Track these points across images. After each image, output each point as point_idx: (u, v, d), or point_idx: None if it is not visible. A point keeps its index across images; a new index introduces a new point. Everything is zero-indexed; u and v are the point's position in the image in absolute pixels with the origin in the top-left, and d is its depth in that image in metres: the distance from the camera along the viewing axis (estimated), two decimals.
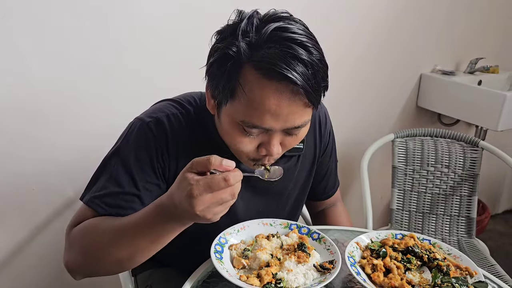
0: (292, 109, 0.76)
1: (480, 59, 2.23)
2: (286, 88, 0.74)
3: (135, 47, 1.40)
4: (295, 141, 0.85)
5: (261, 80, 0.74)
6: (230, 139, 0.83)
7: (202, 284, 0.87)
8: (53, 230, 1.46)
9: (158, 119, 0.90)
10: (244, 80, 0.75)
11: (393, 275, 0.86)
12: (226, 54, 0.75)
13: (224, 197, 0.68)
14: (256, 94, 0.75)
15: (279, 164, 0.93)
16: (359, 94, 2.03)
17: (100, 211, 0.85)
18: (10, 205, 1.37)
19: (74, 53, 1.31)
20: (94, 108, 1.38)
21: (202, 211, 0.68)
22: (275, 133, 0.80)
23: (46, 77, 1.29)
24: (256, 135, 0.81)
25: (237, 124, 0.79)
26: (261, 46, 0.74)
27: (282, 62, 0.72)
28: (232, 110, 0.79)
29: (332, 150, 1.15)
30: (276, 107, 0.75)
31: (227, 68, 0.76)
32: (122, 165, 0.88)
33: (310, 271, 0.86)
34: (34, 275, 1.47)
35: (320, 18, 1.78)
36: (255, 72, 0.74)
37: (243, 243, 0.94)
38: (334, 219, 1.17)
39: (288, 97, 0.74)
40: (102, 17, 1.32)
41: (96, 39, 1.32)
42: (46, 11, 1.23)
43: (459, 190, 1.79)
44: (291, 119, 0.77)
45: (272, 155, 0.82)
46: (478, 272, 0.88)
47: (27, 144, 1.32)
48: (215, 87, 0.80)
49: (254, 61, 0.74)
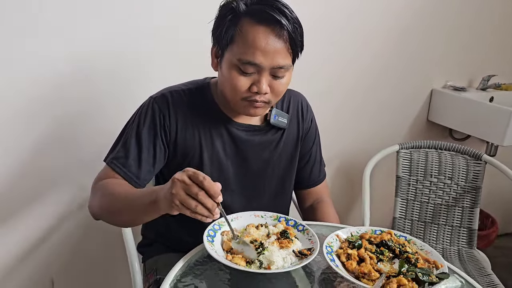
0: (277, 49, 1.00)
1: (493, 76, 2.27)
2: (273, 31, 0.99)
3: (158, 57, 1.56)
4: (279, 87, 1.06)
5: (254, 25, 0.99)
6: (229, 82, 1.04)
7: (194, 262, 0.99)
8: (76, 220, 1.62)
9: (163, 94, 1.14)
10: (241, 27, 1.00)
11: (365, 264, 0.96)
12: (227, 9, 1.03)
13: (194, 191, 0.83)
14: (250, 36, 0.99)
15: (267, 136, 1.19)
16: (369, 107, 2.13)
17: (117, 170, 1.10)
18: (35, 196, 1.54)
19: (97, 63, 1.48)
20: (114, 109, 1.54)
21: (175, 193, 0.84)
22: (264, 72, 1.02)
23: (74, 83, 1.46)
24: (250, 74, 1.02)
25: (234, 65, 1.02)
26: (253, 4, 1.01)
27: (272, 11, 0.98)
28: (231, 54, 1.02)
29: (316, 137, 1.32)
30: (265, 45, 0.99)
31: (227, 20, 1.02)
32: (134, 133, 1.11)
33: (289, 255, 0.97)
34: (58, 262, 1.63)
35: (335, 31, 1.90)
36: (250, 19, 1.00)
37: (235, 230, 1.06)
38: (322, 214, 1.27)
39: (274, 38, 0.99)
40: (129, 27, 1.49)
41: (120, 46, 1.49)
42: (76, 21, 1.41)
43: (461, 202, 1.84)
44: (276, 57, 1.00)
45: (261, 91, 1.03)
46: (444, 265, 0.96)
47: (53, 142, 1.49)
48: (217, 40, 1.05)
49: (249, 12, 1.00)
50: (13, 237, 1.53)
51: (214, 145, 1.16)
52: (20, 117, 1.43)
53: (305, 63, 1.83)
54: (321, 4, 1.82)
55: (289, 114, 1.24)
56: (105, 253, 1.69)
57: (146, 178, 1.13)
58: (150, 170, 1.13)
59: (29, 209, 1.53)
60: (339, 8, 1.87)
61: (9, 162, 1.45)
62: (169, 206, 0.87)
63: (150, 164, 1.12)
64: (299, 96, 1.29)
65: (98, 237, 1.65)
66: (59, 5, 1.37)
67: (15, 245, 1.54)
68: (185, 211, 0.85)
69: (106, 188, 1.06)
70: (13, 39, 1.35)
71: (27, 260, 1.57)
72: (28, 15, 1.34)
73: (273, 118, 1.18)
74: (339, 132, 2.09)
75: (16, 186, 1.48)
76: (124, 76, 1.54)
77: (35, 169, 1.49)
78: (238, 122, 1.17)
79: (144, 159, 1.11)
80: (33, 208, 1.53)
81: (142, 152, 1.11)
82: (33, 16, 1.35)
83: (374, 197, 2.05)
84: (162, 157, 1.14)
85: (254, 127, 1.19)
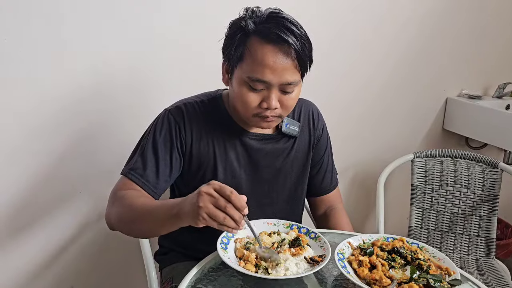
0: (285, 66, 1.03)
1: (508, 83, 2.26)
2: (281, 49, 1.02)
3: (172, 72, 1.61)
4: (289, 101, 1.09)
5: (263, 44, 1.03)
6: (239, 98, 1.08)
7: (208, 269, 1.01)
8: (95, 230, 1.67)
9: (177, 106, 1.19)
10: (250, 46, 1.04)
11: (377, 270, 0.96)
12: (236, 27, 1.07)
13: (222, 204, 0.86)
14: (259, 54, 1.02)
15: (279, 144, 1.23)
16: (383, 115, 2.13)
17: (135, 180, 1.12)
18: (59, 206, 1.59)
19: (115, 78, 1.54)
20: (131, 122, 1.59)
21: (202, 206, 0.87)
22: (273, 88, 1.05)
23: (96, 92, 1.52)
24: (259, 90, 1.05)
25: (244, 82, 1.05)
26: (262, 23, 1.04)
27: (279, 30, 1.01)
28: (241, 72, 1.06)
29: (327, 145, 1.34)
30: (273, 63, 1.02)
31: (237, 38, 1.06)
32: (150, 145, 1.15)
33: (301, 262, 0.98)
34: (78, 270, 1.67)
35: (352, 41, 1.93)
36: (258, 38, 1.03)
37: (248, 238, 1.08)
38: (335, 221, 1.29)
39: (282, 57, 1.02)
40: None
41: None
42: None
43: (478, 211, 1.82)
44: (284, 74, 1.03)
45: (271, 107, 1.06)
46: (456, 272, 0.96)
47: (74, 151, 1.54)
48: (228, 57, 1.09)
49: (257, 31, 1.03)
50: (35, 245, 1.57)
51: (227, 154, 1.19)
52: (44, 128, 1.48)
53: (324, 75, 1.90)
54: (339, 15, 1.86)
55: (300, 123, 1.26)
56: (123, 262, 1.72)
57: (163, 187, 1.16)
58: (167, 180, 1.17)
59: (50, 218, 1.57)
60: (358, 19, 1.90)
61: (32, 171, 1.50)
62: (194, 219, 0.89)
63: (166, 174, 1.16)
64: (310, 105, 1.32)
65: (116, 246, 1.69)
66: (81, 22, 1.43)
67: (36, 253, 1.58)
68: (212, 223, 0.88)
69: (124, 199, 1.09)
70: (39, 54, 1.40)
71: (47, 268, 1.61)
72: (53, 31, 1.40)
73: (285, 126, 1.21)
74: (355, 141, 2.11)
75: (39, 196, 1.53)
76: (141, 90, 1.59)
77: (56, 179, 1.54)
78: (250, 131, 1.20)
79: (161, 169, 1.14)
80: (54, 217, 1.58)
81: (159, 163, 1.14)
82: (57, 32, 1.41)
83: (390, 206, 2.05)
84: (178, 167, 1.18)
85: (266, 136, 1.22)
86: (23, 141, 1.46)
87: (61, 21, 1.40)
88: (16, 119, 1.43)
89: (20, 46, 1.37)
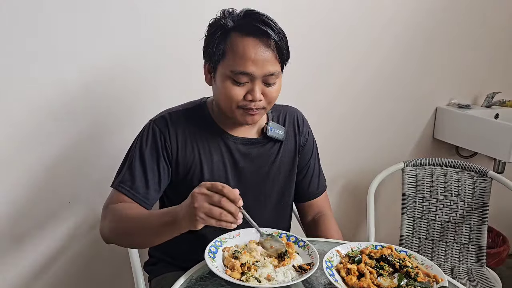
0: (266, 58, 1.06)
1: (497, 93, 2.29)
2: (261, 41, 1.06)
3: (163, 85, 1.61)
4: (272, 93, 1.12)
5: (243, 37, 1.06)
6: (223, 93, 1.10)
7: (196, 278, 1.01)
8: (85, 240, 1.65)
9: (162, 116, 1.20)
10: (231, 41, 1.07)
11: (365, 278, 0.96)
12: (215, 26, 1.09)
13: (216, 199, 0.87)
14: (240, 48, 1.05)
15: (265, 149, 1.23)
16: (374, 126, 2.15)
17: (125, 193, 1.13)
18: (48, 217, 1.58)
19: (106, 89, 1.54)
20: (121, 134, 1.58)
21: (198, 206, 0.88)
22: (257, 80, 1.07)
23: (86, 104, 1.52)
24: (243, 84, 1.07)
25: (228, 77, 1.08)
26: (239, 19, 1.08)
27: (258, 24, 1.06)
28: (223, 68, 1.08)
29: (313, 150, 1.35)
30: (255, 55, 1.05)
31: (217, 36, 1.08)
32: (138, 156, 1.15)
33: (290, 270, 0.98)
34: (67, 280, 1.66)
35: (344, 51, 1.95)
36: (238, 33, 1.06)
37: (237, 247, 1.08)
38: (324, 227, 1.28)
39: (263, 48, 1.06)
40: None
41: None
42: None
43: (469, 219, 1.83)
44: (266, 65, 1.07)
45: (256, 99, 1.08)
46: (444, 279, 0.96)
47: (64, 162, 1.54)
48: (209, 56, 1.11)
49: (236, 27, 1.07)
50: (23, 257, 1.56)
51: (213, 159, 1.19)
52: (35, 138, 1.48)
53: (309, 81, 1.91)
54: (324, 19, 1.87)
55: (285, 127, 1.28)
56: (113, 273, 1.70)
57: (154, 197, 1.16)
58: (157, 189, 1.17)
59: (39, 229, 1.56)
60: (342, 24, 1.92)
61: (21, 182, 1.50)
62: (192, 222, 0.90)
63: (156, 183, 1.16)
64: (295, 111, 1.34)
65: (105, 257, 1.67)
66: (69, 31, 1.44)
67: (24, 264, 1.57)
68: (211, 221, 0.88)
69: (116, 212, 1.09)
70: (28, 63, 1.41)
71: (37, 279, 1.60)
72: (41, 40, 1.41)
73: (270, 130, 1.22)
74: (346, 151, 2.11)
75: (26, 207, 1.52)
76: (131, 102, 1.60)
77: (45, 190, 1.54)
78: (235, 135, 1.21)
79: (150, 180, 1.14)
80: (43, 228, 1.57)
81: (147, 173, 1.14)
82: (45, 42, 1.42)
83: (381, 215, 2.05)
84: (166, 176, 1.18)
85: (252, 140, 1.22)
86: (13, 151, 1.46)
87: (48, 34, 1.41)
88: (5, 130, 1.43)
89: (9, 55, 1.37)
